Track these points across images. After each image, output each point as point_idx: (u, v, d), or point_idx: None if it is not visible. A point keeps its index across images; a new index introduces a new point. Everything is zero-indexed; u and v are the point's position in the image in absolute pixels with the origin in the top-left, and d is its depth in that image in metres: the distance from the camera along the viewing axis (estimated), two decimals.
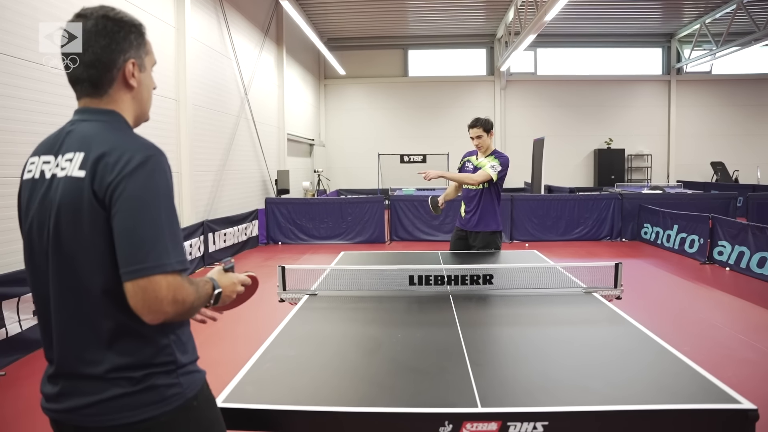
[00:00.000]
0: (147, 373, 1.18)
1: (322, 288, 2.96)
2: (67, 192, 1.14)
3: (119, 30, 1.23)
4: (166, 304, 1.11)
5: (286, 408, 1.54)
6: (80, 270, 1.15)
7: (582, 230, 10.29)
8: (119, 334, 1.17)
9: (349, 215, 10.18)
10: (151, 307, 1.10)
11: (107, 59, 1.21)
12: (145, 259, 1.09)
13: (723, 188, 13.99)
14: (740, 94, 18.36)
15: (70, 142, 1.19)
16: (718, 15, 15.01)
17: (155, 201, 1.13)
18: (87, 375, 1.17)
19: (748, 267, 7.12)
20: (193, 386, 1.26)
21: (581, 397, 1.61)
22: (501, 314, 2.60)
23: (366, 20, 16.21)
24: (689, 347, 4.20)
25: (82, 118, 1.23)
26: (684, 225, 8.76)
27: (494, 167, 4.31)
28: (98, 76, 1.22)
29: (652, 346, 2.03)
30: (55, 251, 1.16)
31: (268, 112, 13.00)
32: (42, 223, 1.19)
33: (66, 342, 1.19)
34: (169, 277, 1.12)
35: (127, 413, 1.15)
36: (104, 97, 1.24)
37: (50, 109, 5.42)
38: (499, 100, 18.43)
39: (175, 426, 1.21)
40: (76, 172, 1.14)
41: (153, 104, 1.38)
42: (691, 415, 1.50)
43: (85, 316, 1.17)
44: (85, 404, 1.16)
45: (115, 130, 1.21)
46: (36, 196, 1.21)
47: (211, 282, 1.34)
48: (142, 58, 1.29)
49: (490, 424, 1.49)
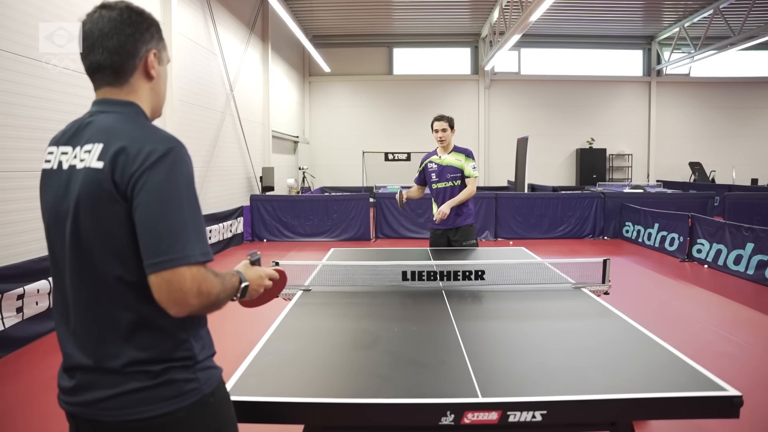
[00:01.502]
0: (165, 367, 1.17)
1: (316, 284, 2.98)
2: (86, 183, 1.13)
3: (142, 21, 1.24)
4: (191, 296, 1.11)
5: (291, 400, 1.56)
6: (99, 262, 1.14)
7: (565, 228, 10.44)
8: (138, 328, 1.16)
9: (334, 213, 10.18)
10: (177, 300, 1.10)
11: (131, 47, 1.22)
12: (168, 251, 1.09)
13: (701, 188, 14.29)
14: (717, 97, 18.76)
15: (89, 134, 1.19)
16: (697, 19, 15.32)
17: (177, 193, 1.13)
18: (104, 368, 1.15)
19: (725, 264, 7.30)
20: (211, 382, 1.24)
21: (578, 387, 1.66)
22: (494, 309, 2.65)
23: (351, 18, 16.21)
24: (671, 341, 4.29)
25: (102, 110, 1.23)
26: (664, 223, 8.94)
27: (475, 168, 4.49)
28: (121, 63, 1.22)
29: (642, 338, 2.10)
30: (74, 243, 1.16)
31: (254, 109, 12.94)
32: (60, 214, 1.18)
33: (84, 334, 1.18)
34: (194, 269, 1.11)
35: (145, 407, 1.14)
36: (125, 87, 1.24)
37: (54, 106, 5.48)
38: (484, 99, 18.57)
39: (192, 422, 1.19)
40: (95, 164, 1.13)
41: None
42: (682, 402, 1.57)
43: (103, 309, 1.16)
44: (102, 398, 1.15)
45: (135, 122, 1.21)
46: (53, 186, 1.21)
47: (237, 275, 1.33)
48: (161, 51, 1.30)
49: (491, 414, 1.53)
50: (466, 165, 4.41)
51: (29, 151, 5.13)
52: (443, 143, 4.54)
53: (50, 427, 3.12)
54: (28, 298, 4.49)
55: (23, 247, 5.01)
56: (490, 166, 18.46)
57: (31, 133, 5.17)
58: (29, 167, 5.10)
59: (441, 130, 4.50)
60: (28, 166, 5.10)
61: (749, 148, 18.82)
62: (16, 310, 4.40)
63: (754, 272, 6.73)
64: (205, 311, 1.20)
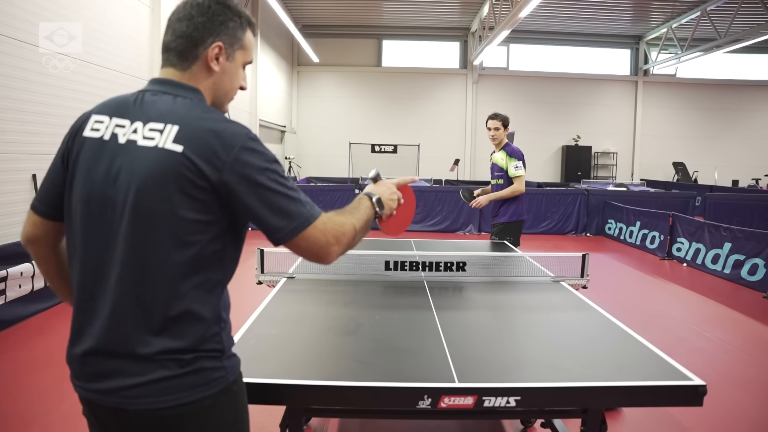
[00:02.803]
0: (196, 356, 1.15)
1: (300, 271, 3.01)
2: (159, 163, 1.11)
3: (221, 14, 1.24)
4: (330, 245, 1.22)
5: (274, 382, 1.60)
6: (158, 245, 1.12)
7: (549, 224, 10.56)
8: (177, 316, 1.14)
9: (319, 203, 9.84)
10: (320, 255, 1.23)
11: (197, 35, 1.22)
12: (292, 220, 1.18)
13: (683, 188, 14.51)
14: (702, 98, 19.02)
15: (155, 112, 1.17)
16: (684, 21, 15.51)
17: (274, 170, 1.18)
18: (134, 355, 1.12)
19: (704, 263, 7.46)
20: (234, 370, 1.25)
21: (551, 375, 1.72)
22: (474, 299, 2.71)
23: (341, 8, 16.15)
24: (647, 335, 4.39)
25: (165, 90, 1.22)
26: (646, 222, 9.10)
27: (518, 167, 4.55)
28: (184, 48, 1.22)
29: (615, 330, 2.17)
30: (132, 223, 1.12)
31: (241, 97, 12.86)
32: (112, 190, 1.14)
33: (120, 319, 1.13)
34: (317, 224, 1.20)
35: (174, 395, 1.13)
36: (186, 72, 1.24)
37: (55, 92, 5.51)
38: (471, 94, 18.64)
39: (217, 409, 1.19)
40: (171, 145, 1.11)
41: (125, 85, 1.37)
42: (649, 390, 1.63)
43: (147, 293, 1.12)
44: (129, 385, 1.11)
45: (207, 110, 1.21)
46: (103, 158, 1.16)
47: (365, 195, 1.43)
48: (233, 47, 1.27)
49: (467, 398, 1.58)
50: (508, 164, 4.52)
51: (13, 133, 5.11)
52: (495, 141, 4.65)
53: (34, 408, 3.13)
54: (11, 281, 4.46)
55: (6, 230, 4.98)
56: (476, 161, 18.57)
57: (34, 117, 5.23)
58: (12, 150, 5.08)
59: (494, 128, 4.61)
60: (11, 149, 5.08)
61: (732, 149, 19.14)
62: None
63: (731, 271, 6.89)
64: (355, 242, 1.32)
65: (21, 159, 5.10)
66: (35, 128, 5.35)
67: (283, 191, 1.18)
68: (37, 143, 5.34)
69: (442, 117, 18.59)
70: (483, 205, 4.60)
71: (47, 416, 3.04)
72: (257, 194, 1.15)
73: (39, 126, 5.38)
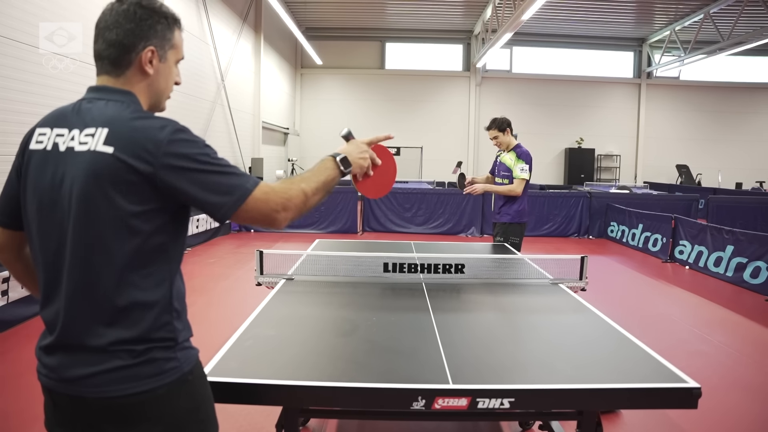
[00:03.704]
0: (148, 347, 1.21)
1: (299, 273, 3.02)
2: (93, 166, 1.17)
3: (148, 18, 1.27)
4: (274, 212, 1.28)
5: (270, 382, 1.61)
6: (100, 241, 1.18)
7: (551, 227, 10.55)
8: (127, 308, 1.20)
9: (322, 205, 10.13)
10: (267, 220, 1.28)
11: (128, 42, 1.25)
12: (231, 194, 1.22)
13: (686, 190, 14.47)
14: (706, 101, 18.99)
15: (89, 118, 1.22)
16: (687, 23, 15.49)
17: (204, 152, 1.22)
18: (90, 347, 1.19)
19: (706, 266, 7.43)
20: (189, 361, 1.29)
21: (546, 377, 1.72)
22: (472, 301, 2.71)
23: (345, 11, 16.20)
24: (647, 338, 4.39)
25: (99, 97, 1.27)
26: (648, 224, 9.07)
27: (524, 170, 4.52)
28: (117, 55, 1.26)
29: (612, 333, 2.17)
30: (75, 222, 1.19)
31: (244, 100, 12.91)
32: (57, 195, 1.21)
33: (73, 313, 1.20)
34: (256, 193, 1.25)
35: (127, 384, 1.19)
36: (120, 78, 1.28)
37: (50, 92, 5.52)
38: (474, 96, 18.65)
39: (172, 399, 1.24)
40: (102, 147, 1.17)
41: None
42: (644, 393, 1.63)
43: (94, 287, 1.19)
44: (86, 375, 1.18)
45: (135, 110, 1.25)
46: (48, 167, 1.23)
47: (328, 156, 1.48)
48: (164, 49, 1.31)
49: (460, 400, 1.59)
50: (515, 166, 4.52)
51: (9, 135, 5.14)
52: (501, 146, 4.68)
53: (33, 408, 3.15)
54: (13, 282, 4.49)
55: None
56: (479, 164, 18.57)
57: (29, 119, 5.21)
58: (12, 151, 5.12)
59: (492, 137, 4.65)
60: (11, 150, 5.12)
61: (736, 152, 19.09)
62: (1, 293, 4.40)
63: (733, 274, 6.87)
64: (309, 205, 1.37)
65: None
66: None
67: (218, 169, 1.22)
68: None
69: (445, 120, 18.60)
70: (477, 192, 4.57)
71: None
72: (192, 178, 1.20)
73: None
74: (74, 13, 5.92)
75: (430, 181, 14.88)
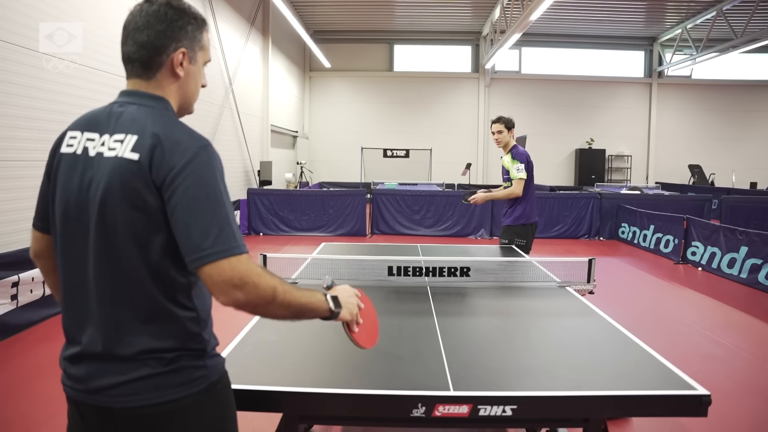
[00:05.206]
0: (177, 355, 1.19)
1: (303, 277, 3.00)
2: (119, 173, 1.15)
3: (178, 19, 1.25)
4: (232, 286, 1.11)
5: (270, 389, 1.59)
6: (123, 250, 1.16)
7: (561, 228, 10.45)
8: (156, 317, 1.18)
9: (330, 208, 10.20)
10: (221, 290, 1.11)
11: (160, 44, 1.23)
12: (213, 245, 1.11)
13: (699, 191, 14.29)
14: (718, 100, 18.75)
15: (120, 123, 1.20)
16: (699, 21, 15.31)
17: (216, 190, 1.15)
18: (118, 356, 1.17)
19: (719, 267, 7.32)
20: (217, 370, 1.27)
21: (550, 383, 1.68)
22: (476, 305, 2.67)
23: (353, 14, 16.21)
24: (659, 342, 4.33)
25: (132, 101, 1.24)
26: (660, 225, 8.96)
27: (519, 170, 4.47)
28: (148, 57, 1.24)
29: (619, 337, 2.12)
30: (99, 230, 1.16)
31: (253, 103, 12.94)
32: (84, 200, 1.19)
33: (101, 322, 1.18)
34: (233, 260, 1.11)
35: (156, 393, 1.16)
36: (152, 81, 1.26)
37: (53, 97, 5.51)
38: (483, 98, 18.57)
39: (200, 408, 1.22)
40: (129, 154, 1.15)
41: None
42: (651, 400, 1.59)
43: (124, 297, 1.17)
44: (114, 384, 1.16)
45: (168, 118, 1.22)
46: (76, 171, 1.21)
47: (318, 291, 1.35)
48: (194, 50, 1.29)
49: (461, 407, 1.55)
50: (512, 167, 4.49)
51: (24, 140, 5.17)
52: (500, 144, 4.62)
53: (41, 412, 3.15)
54: (22, 286, 4.52)
55: (18, 236, 5.03)
56: (489, 165, 18.49)
57: (26, 122, 5.21)
58: (24, 156, 5.14)
59: (497, 131, 4.57)
60: (22, 156, 5.13)
61: (750, 151, 18.82)
62: (10, 297, 4.43)
63: (747, 276, 6.75)
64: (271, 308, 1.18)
65: (29, 166, 5.15)
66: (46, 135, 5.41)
67: (219, 211, 1.14)
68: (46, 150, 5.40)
69: (454, 121, 18.54)
70: (479, 202, 4.56)
71: (51, 421, 3.06)
72: (182, 210, 1.12)
73: (49, 133, 5.44)
74: (72, 16, 5.88)
75: (440, 183, 14.83)
